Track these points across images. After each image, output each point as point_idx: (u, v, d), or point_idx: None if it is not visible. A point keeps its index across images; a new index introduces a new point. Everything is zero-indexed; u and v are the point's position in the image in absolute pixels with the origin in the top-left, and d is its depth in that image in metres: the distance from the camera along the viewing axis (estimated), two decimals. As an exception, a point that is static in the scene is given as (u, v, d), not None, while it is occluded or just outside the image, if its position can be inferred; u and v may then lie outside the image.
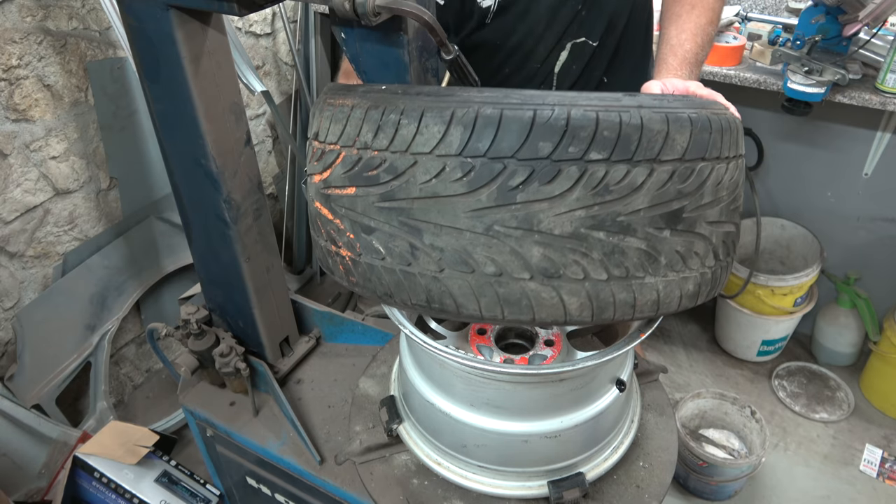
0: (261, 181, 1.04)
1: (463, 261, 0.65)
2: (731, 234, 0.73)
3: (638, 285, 0.66)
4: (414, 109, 0.63)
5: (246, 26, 2.33)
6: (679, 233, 0.66)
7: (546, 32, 1.17)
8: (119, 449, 1.54)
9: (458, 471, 0.92)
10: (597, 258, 0.64)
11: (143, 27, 0.84)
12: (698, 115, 0.65)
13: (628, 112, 0.61)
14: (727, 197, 0.69)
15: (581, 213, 0.62)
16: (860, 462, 2.07)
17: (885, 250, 2.26)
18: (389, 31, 0.68)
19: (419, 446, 0.96)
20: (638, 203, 0.63)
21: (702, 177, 0.65)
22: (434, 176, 0.62)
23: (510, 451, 0.88)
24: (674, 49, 0.98)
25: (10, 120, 1.68)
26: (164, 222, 2.14)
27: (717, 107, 0.70)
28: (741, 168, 0.72)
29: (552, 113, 0.60)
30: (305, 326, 1.30)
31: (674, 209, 0.64)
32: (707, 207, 0.67)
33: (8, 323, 1.80)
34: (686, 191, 0.64)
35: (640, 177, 0.62)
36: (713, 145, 0.65)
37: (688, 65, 0.97)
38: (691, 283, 0.70)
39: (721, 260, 0.73)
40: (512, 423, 0.85)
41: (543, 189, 0.61)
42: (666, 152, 0.62)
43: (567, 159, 0.60)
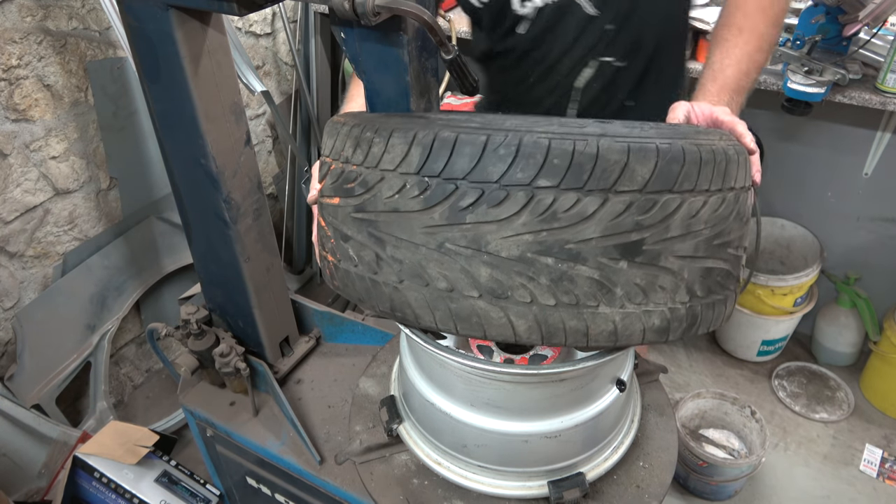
0: (261, 181, 1.04)
1: (418, 274, 0.67)
2: (715, 271, 0.69)
3: (590, 314, 0.66)
4: (386, 129, 0.67)
5: (246, 26, 2.33)
6: (638, 265, 0.64)
7: (573, 47, 1.16)
8: (119, 449, 1.54)
9: (459, 471, 0.92)
10: (544, 283, 0.64)
11: (143, 27, 0.84)
12: (671, 145, 0.63)
13: (585, 141, 0.61)
14: (708, 231, 0.66)
15: (528, 238, 0.63)
16: (860, 462, 2.07)
17: (885, 250, 2.26)
18: (389, 31, 0.68)
19: (419, 446, 0.96)
20: (589, 232, 0.62)
21: (667, 209, 0.63)
22: (396, 192, 0.66)
23: (510, 451, 0.88)
24: (714, 74, 0.94)
25: (10, 120, 1.68)
26: (164, 222, 2.14)
27: (713, 136, 0.68)
28: (734, 201, 0.68)
29: (504, 139, 0.61)
30: (305, 326, 1.30)
31: (632, 241, 0.63)
32: (676, 241, 0.65)
33: (8, 323, 1.80)
34: (647, 223, 0.63)
35: (592, 206, 0.61)
36: (685, 177, 0.63)
37: (728, 91, 0.92)
38: (656, 317, 0.68)
39: (701, 297, 0.69)
40: (512, 423, 0.85)
41: (491, 212, 0.62)
42: (623, 183, 0.61)
43: (515, 184, 0.61)
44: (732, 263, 0.71)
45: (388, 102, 0.75)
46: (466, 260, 0.65)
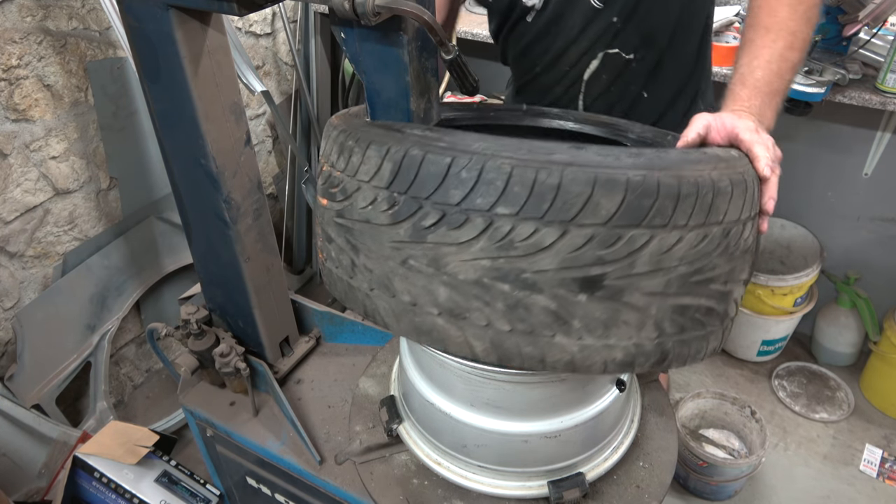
0: (261, 181, 1.04)
1: (385, 285, 0.69)
2: (692, 308, 0.66)
3: (546, 343, 0.65)
4: (365, 140, 0.68)
5: (246, 26, 2.33)
6: (599, 299, 0.63)
7: (579, 38, 1.16)
8: (119, 449, 1.54)
9: (459, 471, 0.93)
10: (500, 309, 0.64)
11: (143, 27, 0.84)
12: (644, 177, 0.60)
13: (548, 170, 0.59)
14: (684, 268, 0.63)
15: (485, 263, 0.62)
16: (860, 462, 2.07)
17: (885, 250, 2.26)
18: (389, 31, 0.68)
19: (419, 446, 0.96)
20: (545, 263, 0.61)
21: (633, 245, 0.61)
22: (369, 203, 0.67)
23: (510, 451, 0.88)
24: (743, 78, 0.87)
25: (10, 120, 1.68)
26: (164, 222, 2.14)
27: (704, 166, 0.63)
28: (721, 236, 0.64)
29: (468, 162, 0.61)
30: (305, 326, 1.30)
31: (591, 275, 0.61)
32: (643, 277, 0.62)
33: (8, 323, 1.80)
34: (609, 258, 0.61)
35: (550, 237, 0.60)
36: (658, 212, 0.60)
37: (760, 95, 0.85)
38: (619, 352, 0.66)
39: (672, 334, 0.66)
40: (512, 423, 0.85)
41: (451, 234, 0.62)
42: (585, 216, 0.59)
43: (474, 209, 0.61)
44: (718, 300, 0.67)
45: (388, 102, 0.75)
46: (427, 278, 0.65)
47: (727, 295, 0.68)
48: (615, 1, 1.11)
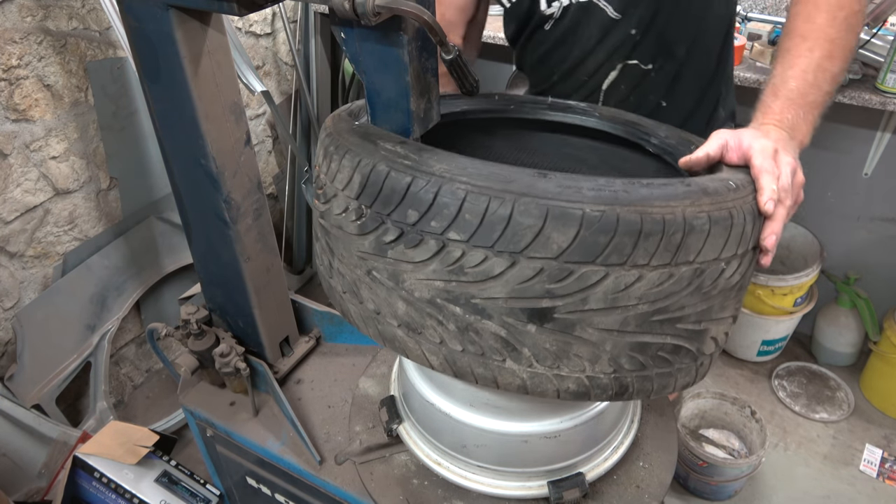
0: (261, 181, 1.04)
1: (354, 291, 0.71)
2: (654, 346, 0.64)
3: (497, 367, 0.65)
4: (342, 148, 0.69)
5: (246, 26, 2.33)
6: (549, 331, 0.62)
7: (596, 48, 1.15)
8: (119, 449, 1.54)
9: (458, 471, 0.93)
10: (452, 330, 0.65)
11: (143, 27, 0.84)
12: (603, 213, 0.57)
13: (500, 199, 0.58)
14: (646, 307, 0.61)
15: (439, 285, 0.62)
16: (860, 462, 2.07)
17: (885, 250, 2.26)
18: (389, 31, 0.68)
19: (419, 446, 0.96)
20: (494, 292, 0.61)
21: (586, 281, 0.59)
22: (342, 211, 0.68)
23: (510, 452, 0.88)
24: (775, 88, 0.81)
25: (10, 120, 1.68)
26: (164, 222, 2.14)
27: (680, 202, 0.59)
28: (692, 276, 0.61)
29: (425, 184, 0.61)
30: (305, 326, 1.30)
31: (541, 307, 0.60)
32: (596, 314, 0.60)
33: (8, 323, 1.80)
34: (559, 292, 0.59)
35: (499, 267, 0.59)
36: (615, 250, 0.58)
37: (793, 107, 0.79)
38: (571, 382, 0.65)
39: (631, 370, 0.65)
40: (511, 424, 0.85)
41: (408, 252, 0.63)
42: (536, 248, 0.58)
43: (429, 232, 0.61)
44: (689, 338, 0.65)
45: (388, 102, 0.74)
46: (388, 291, 0.66)
47: (700, 334, 0.65)
48: (633, 13, 1.10)
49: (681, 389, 0.71)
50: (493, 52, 2.45)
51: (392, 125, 0.76)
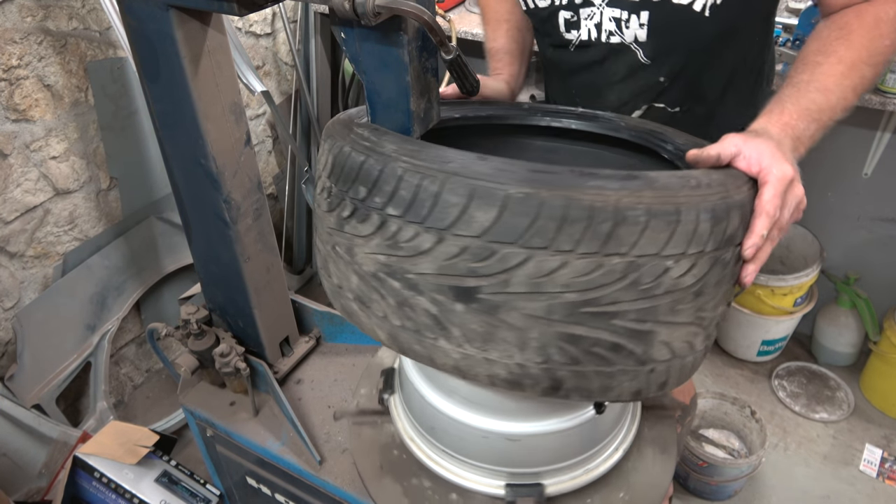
0: (261, 181, 1.04)
1: (325, 267, 0.75)
2: (588, 340, 0.62)
3: (430, 345, 0.66)
4: (328, 135, 0.74)
5: (246, 26, 2.33)
6: (475, 311, 0.62)
7: (621, 86, 1.10)
8: (119, 449, 1.54)
9: (427, 451, 0.94)
10: (392, 304, 0.67)
11: (143, 27, 0.84)
12: (528, 196, 0.57)
13: (432, 177, 0.60)
14: (574, 297, 0.59)
15: (381, 258, 0.66)
16: (860, 462, 2.07)
17: (885, 250, 2.26)
18: (389, 31, 0.68)
19: (401, 419, 0.99)
20: (424, 267, 0.62)
21: (508, 262, 0.59)
22: (320, 192, 0.73)
23: (470, 444, 0.88)
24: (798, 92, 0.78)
25: (10, 120, 1.68)
26: (164, 222, 2.14)
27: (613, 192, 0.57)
28: (627, 269, 0.59)
29: (372, 163, 0.65)
30: (305, 326, 1.30)
31: (466, 285, 0.61)
32: (521, 298, 0.60)
33: (8, 323, 1.80)
34: (482, 272, 0.60)
35: (427, 243, 0.61)
36: (536, 232, 0.57)
37: (808, 119, 0.76)
38: (500, 368, 0.65)
39: (564, 363, 0.63)
40: (473, 416, 0.85)
41: (358, 227, 0.67)
42: (460, 226, 0.59)
43: (373, 207, 0.65)
44: (630, 338, 0.62)
45: (389, 102, 0.75)
46: (345, 265, 0.70)
47: (646, 335, 0.63)
48: (664, 61, 1.05)
49: (632, 398, 0.68)
50: (493, 52, 2.45)
51: (392, 125, 0.76)
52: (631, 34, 1.04)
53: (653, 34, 1.03)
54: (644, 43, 1.04)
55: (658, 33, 1.02)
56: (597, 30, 1.06)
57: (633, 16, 1.01)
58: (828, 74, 0.79)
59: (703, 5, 0.97)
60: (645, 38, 1.03)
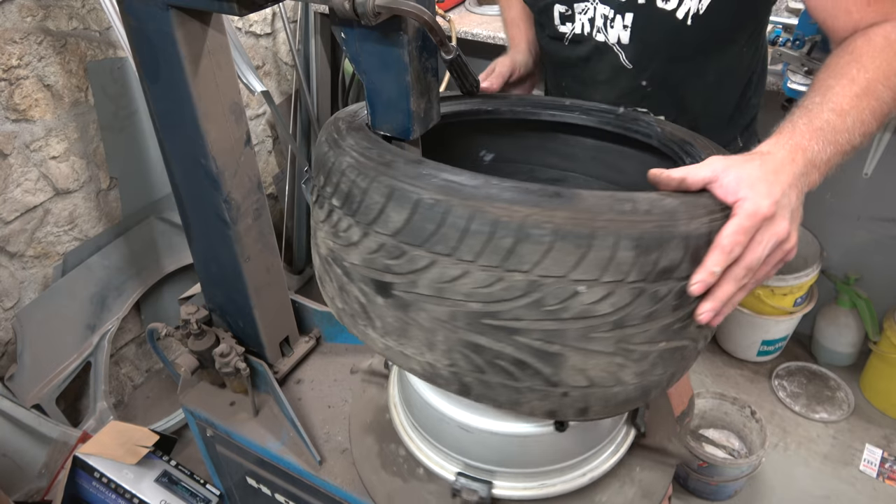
0: (261, 181, 1.04)
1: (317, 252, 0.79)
2: (490, 352, 0.61)
3: (362, 331, 0.70)
4: (318, 138, 0.78)
5: (246, 26, 2.33)
6: (391, 306, 0.65)
7: (605, 87, 1.10)
8: (119, 449, 1.54)
9: (403, 420, 0.97)
10: (336, 287, 0.72)
11: (143, 27, 0.84)
12: (437, 202, 0.58)
13: (365, 175, 0.64)
14: (477, 307, 0.59)
15: (329, 244, 0.70)
16: (860, 462, 2.07)
17: (885, 250, 2.26)
18: (389, 31, 0.68)
19: (392, 385, 1.02)
20: (354, 258, 0.66)
21: (415, 264, 0.60)
22: (311, 190, 0.77)
23: (431, 423, 0.90)
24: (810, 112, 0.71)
25: (10, 120, 1.68)
26: (164, 222, 2.14)
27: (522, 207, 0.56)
28: (528, 288, 0.57)
29: (333, 158, 0.69)
30: (305, 326, 1.30)
31: (384, 280, 0.64)
32: (427, 300, 0.62)
33: (8, 323, 1.80)
34: (395, 269, 0.62)
35: (356, 236, 0.65)
36: (440, 239, 0.58)
37: (821, 139, 0.69)
38: (415, 364, 0.67)
39: (467, 370, 0.64)
40: (434, 396, 0.86)
41: (317, 212, 0.72)
42: (379, 224, 0.62)
43: (325, 197, 0.69)
44: (536, 357, 0.61)
45: (389, 102, 0.75)
46: (315, 247, 0.76)
47: (554, 357, 0.61)
48: (646, 66, 1.04)
49: (547, 416, 0.68)
50: (493, 52, 2.45)
51: (392, 125, 0.76)
52: (615, 34, 1.04)
53: (634, 37, 1.02)
54: (626, 46, 1.04)
55: (639, 37, 1.02)
56: (590, 24, 1.06)
57: (619, 16, 1.01)
58: (841, 95, 0.73)
59: (685, 13, 0.96)
60: (627, 40, 1.03)
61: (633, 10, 1.00)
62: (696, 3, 0.95)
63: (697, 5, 0.95)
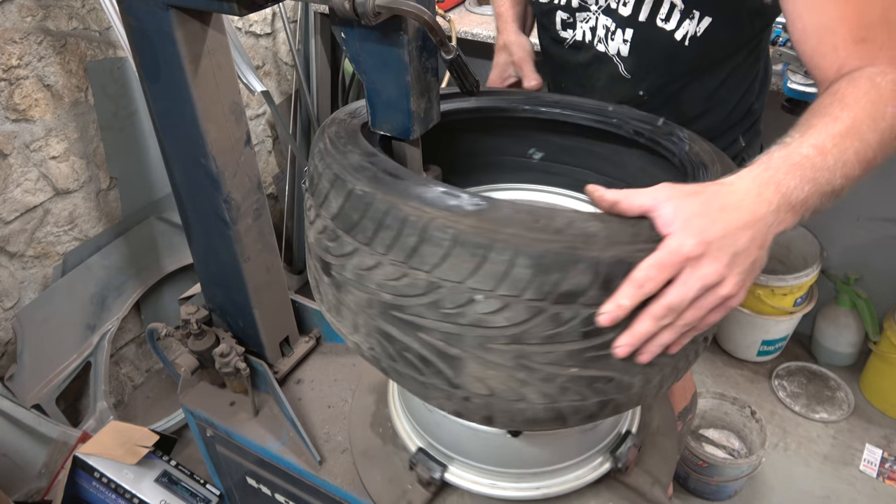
0: (261, 181, 1.04)
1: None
2: (399, 343, 0.64)
3: (319, 300, 0.76)
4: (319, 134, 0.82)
5: (246, 26, 2.33)
6: (330, 285, 0.69)
7: (602, 93, 1.10)
8: (119, 449, 1.54)
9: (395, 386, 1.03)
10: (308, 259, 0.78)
11: (143, 27, 0.84)
12: (365, 193, 0.62)
13: (324, 163, 0.69)
14: (387, 296, 0.62)
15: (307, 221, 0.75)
16: (860, 462, 2.07)
17: (885, 250, 2.26)
18: (389, 31, 0.68)
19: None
20: (311, 236, 0.71)
21: (343, 249, 0.64)
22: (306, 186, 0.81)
23: (406, 394, 0.96)
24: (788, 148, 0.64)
25: (10, 120, 1.68)
26: (164, 222, 2.14)
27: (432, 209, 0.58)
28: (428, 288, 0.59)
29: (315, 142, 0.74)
30: (305, 326, 1.30)
31: (325, 260, 0.68)
32: (352, 285, 0.65)
33: (8, 323, 1.80)
34: (332, 251, 0.67)
35: (312, 216, 0.70)
36: (361, 229, 0.62)
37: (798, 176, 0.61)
38: (349, 341, 0.72)
39: (386, 356, 0.66)
40: None
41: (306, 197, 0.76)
42: (325, 208, 0.67)
43: (304, 181, 0.76)
44: (439, 357, 0.62)
45: (389, 102, 0.75)
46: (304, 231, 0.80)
47: (454, 360, 0.62)
48: (643, 77, 1.05)
49: (455, 415, 0.69)
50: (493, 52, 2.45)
51: (392, 125, 0.76)
52: (615, 46, 1.05)
53: (633, 51, 1.03)
54: (626, 58, 1.05)
55: (638, 52, 1.03)
56: (591, 33, 1.07)
57: (620, 29, 1.02)
58: (823, 133, 0.66)
59: (683, 35, 0.97)
60: (626, 53, 1.04)
61: (634, 26, 1.00)
62: (693, 26, 0.96)
63: (695, 28, 0.96)
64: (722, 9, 0.94)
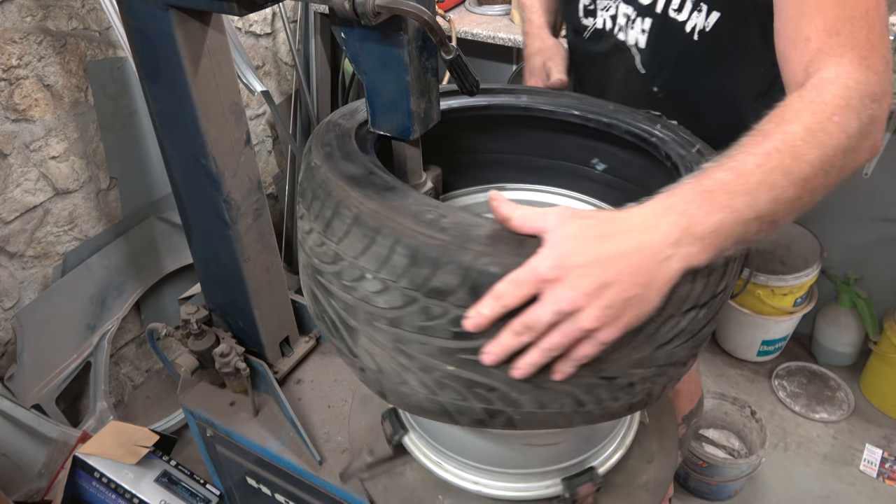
0: (261, 181, 1.04)
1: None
2: (321, 304, 0.70)
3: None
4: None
5: (246, 26, 2.33)
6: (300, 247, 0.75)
7: (620, 86, 1.10)
8: (119, 449, 1.54)
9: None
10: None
11: (143, 27, 0.84)
12: (316, 167, 0.70)
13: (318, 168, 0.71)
14: (316, 262, 0.68)
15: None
16: (860, 462, 2.07)
17: (885, 250, 2.26)
18: (389, 31, 0.68)
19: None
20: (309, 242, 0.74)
21: (299, 213, 0.73)
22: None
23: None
24: (699, 175, 0.59)
25: (10, 120, 1.68)
26: (164, 222, 2.14)
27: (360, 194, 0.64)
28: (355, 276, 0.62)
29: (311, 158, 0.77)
30: (305, 326, 1.30)
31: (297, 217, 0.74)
32: (301, 245, 0.73)
33: (8, 323, 1.80)
34: (296, 216, 0.74)
35: (301, 209, 0.73)
36: (303, 198, 0.71)
37: (708, 203, 0.56)
38: (306, 300, 0.77)
39: (318, 316, 0.73)
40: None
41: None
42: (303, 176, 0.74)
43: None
44: (341, 323, 0.68)
45: (389, 102, 0.74)
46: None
47: (352, 330, 0.67)
48: (657, 73, 1.04)
49: (360, 380, 0.72)
50: (493, 52, 2.45)
51: (392, 125, 0.76)
52: (633, 36, 1.05)
53: (650, 43, 1.04)
54: (642, 50, 1.05)
55: (654, 44, 1.03)
56: (612, 21, 1.07)
57: (640, 18, 1.03)
58: (748, 154, 0.60)
59: (692, 28, 0.97)
60: (644, 45, 1.05)
61: (652, 16, 1.01)
62: (702, 19, 0.95)
63: (704, 22, 0.96)
64: (729, 4, 0.94)
